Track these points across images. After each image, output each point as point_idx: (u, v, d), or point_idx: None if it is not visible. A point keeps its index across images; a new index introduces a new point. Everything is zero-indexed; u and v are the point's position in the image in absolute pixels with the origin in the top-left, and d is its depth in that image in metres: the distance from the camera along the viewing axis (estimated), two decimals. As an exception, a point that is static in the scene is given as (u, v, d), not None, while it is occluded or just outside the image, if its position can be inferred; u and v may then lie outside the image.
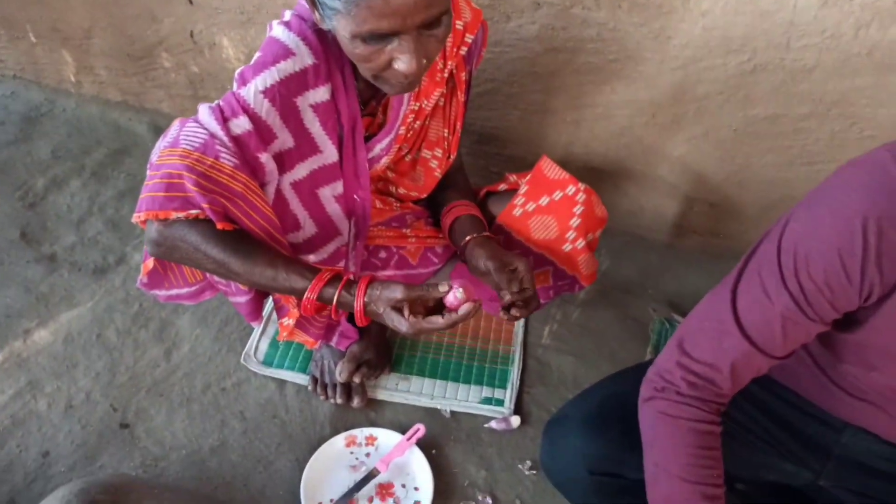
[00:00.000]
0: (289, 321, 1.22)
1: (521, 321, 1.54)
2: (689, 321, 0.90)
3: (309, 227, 1.14)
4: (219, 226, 0.98)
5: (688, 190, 1.56)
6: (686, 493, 0.85)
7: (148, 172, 1.03)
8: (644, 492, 0.96)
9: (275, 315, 1.51)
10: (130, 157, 1.95)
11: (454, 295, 0.98)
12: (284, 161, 1.05)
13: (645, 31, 1.32)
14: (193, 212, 0.97)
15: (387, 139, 1.16)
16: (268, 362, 1.43)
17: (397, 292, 0.98)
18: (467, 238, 1.18)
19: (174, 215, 0.97)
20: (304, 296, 1.00)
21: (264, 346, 1.46)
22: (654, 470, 0.89)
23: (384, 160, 1.19)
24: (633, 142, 1.51)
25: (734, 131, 1.41)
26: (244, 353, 1.43)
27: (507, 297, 1.09)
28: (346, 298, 1.01)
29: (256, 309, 1.23)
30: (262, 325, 1.49)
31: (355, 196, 1.15)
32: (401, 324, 0.98)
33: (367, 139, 1.15)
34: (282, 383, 1.40)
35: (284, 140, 1.03)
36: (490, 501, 1.24)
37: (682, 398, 0.87)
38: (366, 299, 1.00)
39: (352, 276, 1.03)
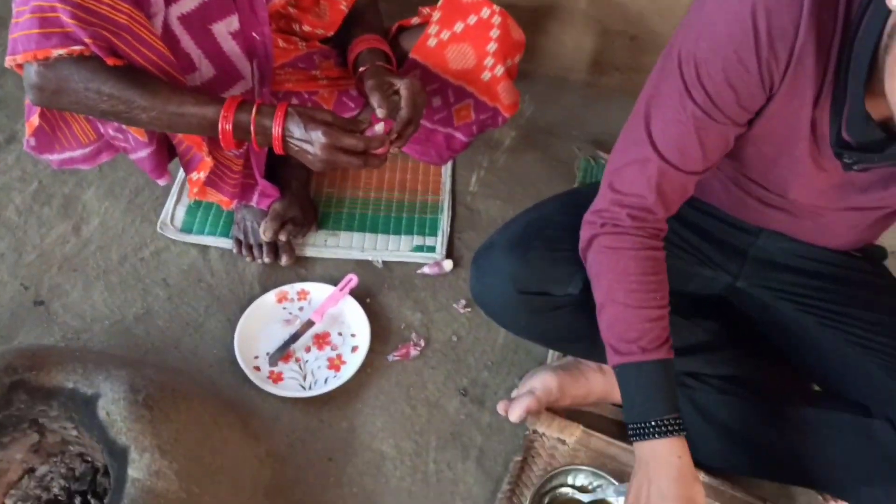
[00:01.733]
0: (198, 175, 1.16)
1: (449, 170, 1.51)
2: (612, 159, 0.91)
3: (206, 69, 1.06)
4: (108, 62, 0.90)
5: (608, 23, 1.52)
6: (629, 318, 0.88)
7: (14, 9, 0.92)
8: (571, 306, 0.99)
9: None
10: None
11: (374, 130, 0.98)
12: (169, -13, 0.96)
13: None
14: (76, 48, 0.89)
15: (282, -33, 1.06)
16: (186, 229, 1.37)
17: (326, 112, 0.97)
18: (361, 69, 1.12)
19: (55, 53, 0.89)
20: (219, 125, 0.95)
21: (181, 213, 1.39)
22: (601, 301, 0.91)
23: (282, -7, 1.10)
24: (550, -29, 1.45)
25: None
26: (160, 221, 1.36)
27: (377, 128, 1.02)
28: (264, 121, 0.96)
29: (161, 163, 1.15)
30: (177, 193, 1.41)
31: (254, 34, 1.07)
32: (319, 136, 0.95)
33: (262, -30, 1.05)
34: (204, 249, 1.35)
35: (164, -35, 0.93)
36: (423, 343, 1.25)
37: (623, 229, 0.89)
38: (287, 122, 0.96)
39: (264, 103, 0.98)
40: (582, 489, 1.06)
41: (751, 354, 1.11)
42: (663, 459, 0.86)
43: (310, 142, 0.98)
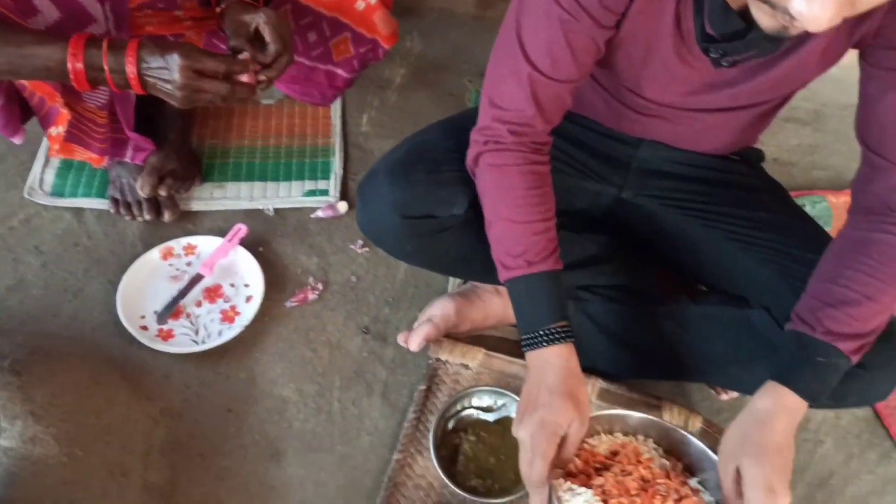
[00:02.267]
0: (57, 130, 1.08)
1: (338, 112, 1.47)
2: (489, 74, 0.90)
3: (49, 11, 0.97)
4: None
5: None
6: (516, 232, 0.88)
7: None
8: (457, 227, 0.98)
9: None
10: None
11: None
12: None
13: None
14: None
15: None
16: (57, 193, 1.28)
17: (184, 44, 0.91)
18: (220, 7, 1.06)
19: None
20: (68, 65, 0.88)
21: (50, 177, 1.30)
22: (489, 219, 0.90)
23: (127, -81, 1.02)
24: None
25: None
26: (27, 187, 1.27)
27: (244, 54, 0.98)
28: (118, 56, 0.89)
29: (11, 119, 1.07)
30: (43, 156, 1.32)
31: (100, -31, 0.99)
32: (175, 61, 0.90)
33: None
34: (79, 211, 1.27)
35: None
36: (321, 287, 1.22)
37: (505, 146, 0.88)
38: (141, 52, 0.90)
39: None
40: (487, 409, 1.07)
41: (640, 263, 1.13)
42: (552, 364, 0.86)
43: (168, 68, 0.92)
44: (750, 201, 1.03)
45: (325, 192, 1.34)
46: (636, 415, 0.93)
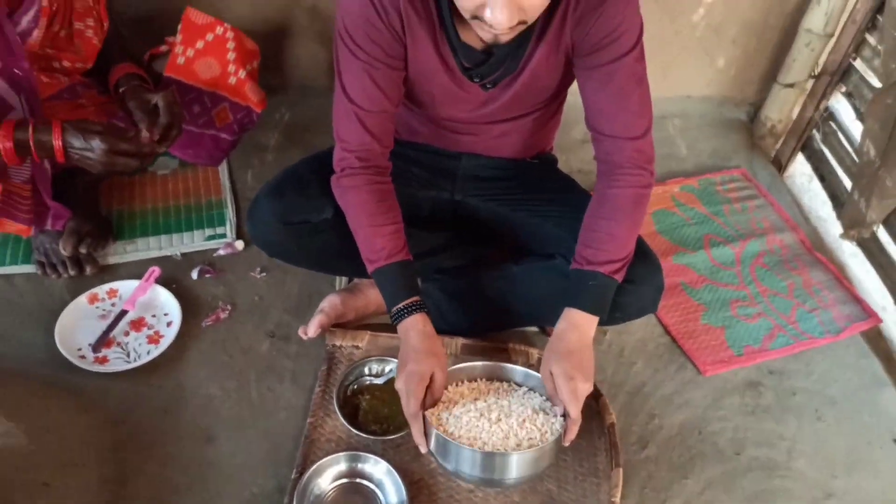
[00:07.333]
0: (-10, 205, 1.30)
1: (226, 173, 1.76)
2: (333, 119, 1.21)
3: (-24, 102, 1.22)
4: None
5: (331, 35, 1.86)
6: (373, 235, 1.19)
7: None
8: (329, 229, 1.28)
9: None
10: None
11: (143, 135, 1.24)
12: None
13: None
14: None
15: (31, 11, 1.26)
16: (-14, 264, 1.48)
17: (96, 123, 1.18)
18: (121, 90, 1.35)
19: None
20: (0, 143, 1.13)
21: (-24, 252, 1.50)
22: (353, 228, 1.21)
23: (35, 33, 1.29)
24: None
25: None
26: (-43, 262, 1.46)
27: (144, 133, 1.26)
28: (42, 135, 1.15)
29: (-50, 198, 1.28)
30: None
31: (15, 69, 1.25)
32: (98, 143, 1.16)
33: (11, 14, 1.25)
34: (8, 277, 1.47)
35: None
36: (230, 308, 1.48)
37: (356, 171, 1.19)
38: (65, 135, 1.16)
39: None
40: (377, 375, 1.36)
41: (476, 244, 1.48)
42: (412, 329, 1.17)
43: (91, 150, 1.19)
44: (544, 188, 1.41)
45: (223, 236, 1.61)
46: (479, 364, 1.26)
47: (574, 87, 1.24)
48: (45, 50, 1.36)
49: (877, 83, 1.69)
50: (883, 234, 1.66)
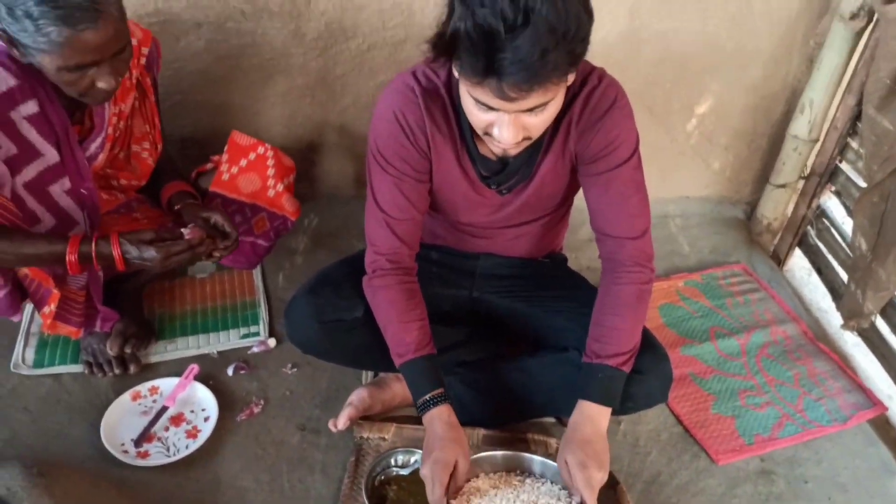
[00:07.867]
0: (49, 308, 1.43)
1: (259, 276, 1.89)
2: (366, 226, 1.36)
3: (48, 219, 1.37)
4: None
5: (357, 149, 2.05)
6: (401, 331, 1.30)
7: None
8: (361, 326, 1.39)
9: (35, 326, 1.67)
10: None
11: (190, 229, 1.36)
12: (13, 166, 1.28)
13: (286, 33, 1.78)
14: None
15: (98, 139, 1.44)
16: (38, 365, 1.59)
17: (148, 232, 1.31)
18: (177, 207, 1.51)
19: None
20: (66, 256, 1.26)
21: (30, 353, 1.61)
22: (383, 324, 1.33)
23: (101, 157, 1.46)
24: (304, 119, 1.97)
25: (372, 97, 1.93)
26: (12, 363, 1.58)
27: (187, 233, 1.38)
28: (103, 248, 1.29)
29: (14, 303, 1.41)
30: (23, 338, 1.63)
31: (82, 189, 1.41)
32: (152, 253, 1.29)
33: (82, 141, 1.42)
34: (57, 376, 1.58)
35: (8, 148, 1.27)
36: (263, 402, 1.57)
37: (387, 272, 1.33)
38: (122, 246, 1.30)
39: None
40: (403, 465, 1.42)
41: (495, 339, 1.58)
42: (437, 419, 1.27)
43: (146, 259, 1.33)
44: (555, 285, 1.53)
45: (256, 334, 1.72)
46: (500, 453, 1.34)
47: (580, 192, 1.37)
48: (106, 170, 1.53)
49: (862, 183, 1.83)
50: (882, 325, 1.75)
